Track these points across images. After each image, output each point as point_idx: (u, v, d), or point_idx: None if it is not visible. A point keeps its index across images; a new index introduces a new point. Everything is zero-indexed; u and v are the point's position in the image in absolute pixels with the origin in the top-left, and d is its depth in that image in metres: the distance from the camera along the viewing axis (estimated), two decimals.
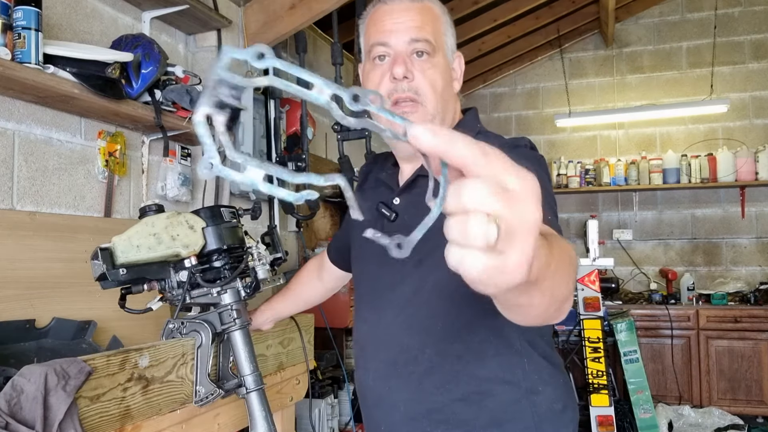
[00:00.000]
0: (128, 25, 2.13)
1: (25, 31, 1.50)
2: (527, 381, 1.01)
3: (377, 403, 1.09)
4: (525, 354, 1.02)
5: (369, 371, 1.10)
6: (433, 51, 1.03)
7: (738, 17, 4.95)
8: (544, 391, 1.02)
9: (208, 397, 1.26)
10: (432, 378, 1.02)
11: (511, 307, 0.58)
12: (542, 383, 1.02)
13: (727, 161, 4.69)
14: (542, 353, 1.04)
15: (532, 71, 5.49)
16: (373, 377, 1.10)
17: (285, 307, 1.51)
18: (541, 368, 1.03)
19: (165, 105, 2.00)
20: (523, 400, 1.00)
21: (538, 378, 1.02)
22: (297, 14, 2.58)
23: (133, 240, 1.23)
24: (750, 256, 4.85)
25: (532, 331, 1.03)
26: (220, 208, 1.32)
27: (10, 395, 0.97)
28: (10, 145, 1.68)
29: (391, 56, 1.03)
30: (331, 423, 2.69)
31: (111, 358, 1.08)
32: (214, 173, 0.40)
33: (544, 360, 1.04)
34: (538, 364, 1.03)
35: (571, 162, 5.16)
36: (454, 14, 4.07)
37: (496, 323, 0.97)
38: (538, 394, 1.01)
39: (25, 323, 1.49)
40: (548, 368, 1.04)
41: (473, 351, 1.00)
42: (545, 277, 0.51)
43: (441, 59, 1.04)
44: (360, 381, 1.14)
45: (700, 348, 4.34)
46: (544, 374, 1.03)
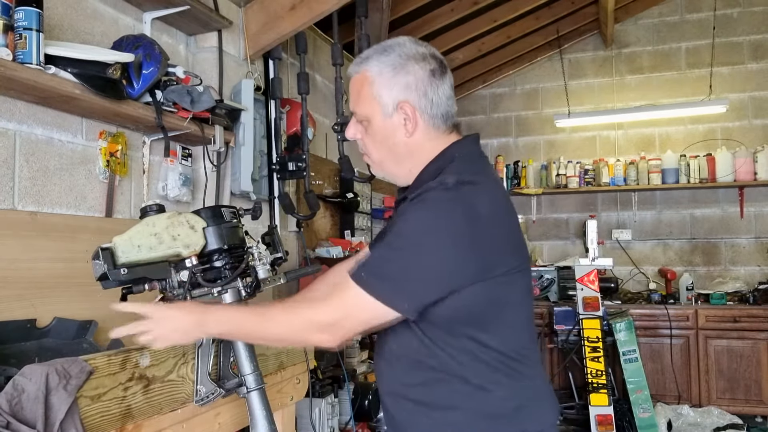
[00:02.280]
0: (129, 25, 2.13)
1: (27, 31, 1.50)
2: (477, 379, 1.16)
3: (377, 376, 1.33)
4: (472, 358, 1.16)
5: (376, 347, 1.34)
6: (367, 120, 1.23)
7: (737, 18, 4.95)
8: (496, 390, 1.17)
9: (209, 396, 1.27)
10: (397, 364, 1.23)
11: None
12: (494, 383, 1.17)
13: (726, 161, 4.70)
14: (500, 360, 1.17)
15: (532, 72, 5.50)
16: (375, 353, 1.33)
17: None
18: (494, 370, 1.17)
19: (166, 105, 2.00)
20: (475, 392, 1.16)
21: (490, 378, 1.17)
22: (297, 15, 2.58)
23: (134, 240, 1.23)
24: (749, 256, 4.85)
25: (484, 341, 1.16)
26: (220, 208, 1.33)
27: (12, 395, 0.97)
28: (12, 146, 1.69)
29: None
30: (331, 422, 2.69)
31: (112, 357, 1.09)
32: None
33: (500, 364, 1.17)
34: (489, 367, 1.17)
35: (570, 162, 5.16)
36: (454, 14, 4.09)
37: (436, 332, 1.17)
38: (488, 392, 1.16)
39: (26, 323, 1.50)
40: (504, 371, 1.18)
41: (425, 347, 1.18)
42: (238, 336, 1.23)
43: (375, 124, 1.22)
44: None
45: (699, 347, 4.35)
46: (498, 375, 1.17)
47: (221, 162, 2.43)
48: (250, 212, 1.41)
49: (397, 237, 1.13)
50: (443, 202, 1.11)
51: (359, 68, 1.23)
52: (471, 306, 1.14)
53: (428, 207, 1.11)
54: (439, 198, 1.11)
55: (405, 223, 1.13)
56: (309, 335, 1.15)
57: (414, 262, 1.10)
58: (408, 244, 1.11)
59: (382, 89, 1.19)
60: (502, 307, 1.17)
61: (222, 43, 2.50)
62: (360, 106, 1.23)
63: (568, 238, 5.33)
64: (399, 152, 1.22)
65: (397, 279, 1.10)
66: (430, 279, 1.10)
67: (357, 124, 1.26)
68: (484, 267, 1.12)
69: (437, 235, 1.10)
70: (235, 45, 2.62)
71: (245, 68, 2.67)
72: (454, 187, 1.12)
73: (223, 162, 2.44)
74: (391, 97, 1.19)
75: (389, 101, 1.19)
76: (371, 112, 1.21)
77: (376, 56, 1.21)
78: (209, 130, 2.25)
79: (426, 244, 1.10)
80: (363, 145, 1.27)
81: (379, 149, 1.24)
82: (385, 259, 1.13)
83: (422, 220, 1.11)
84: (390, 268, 1.11)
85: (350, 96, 1.26)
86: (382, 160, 1.26)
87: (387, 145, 1.22)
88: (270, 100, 2.82)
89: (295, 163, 2.80)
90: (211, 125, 2.26)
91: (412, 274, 1.10)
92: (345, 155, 2.88)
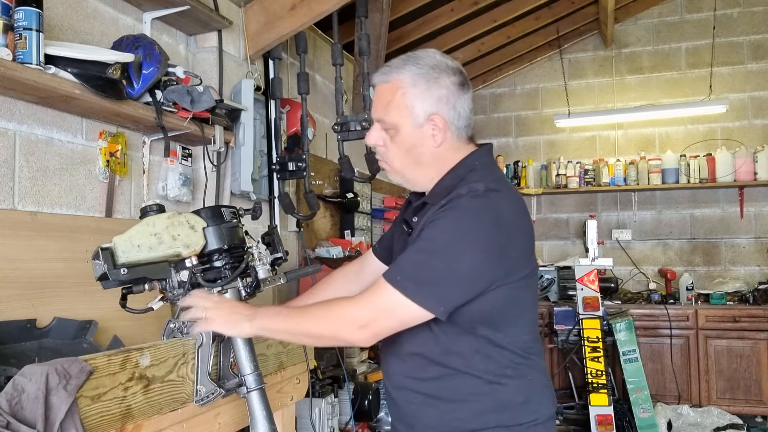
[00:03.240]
0: (129, 25, 2.13)
1: (26, 31, 1.50)
2: (488, 375, 1.23)
3: (384, 370, 1.39)
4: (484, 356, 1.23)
5: (381, 346, 1.37)
6: (394, 128, 1.26)
7: (737, 18, 4.95)
8: (505, 386, 1.23)
9: (209, 396, 1.27)
10: (410, 360, 1.28)
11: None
12: (505, 378, 1.24)
13: (726, 161, 4.70)
14: (511, 359, 1.24)
15: (532, 72, 5.50)
16: (382, 351, 1.38)
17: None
18: (504, 367, 1.24)
19: (166, 105, 2.00)
20: (484, 387, 1.23)
21: (501, 374, 1.23)
22: (297, 15, 2.58)
23: (134, 240, 1.23)
24: (749, 256, 4.85)
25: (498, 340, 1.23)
26: (220, 208, 1.33)
27: (12, 395, 0.97)
28: (12, 146, 1.69)
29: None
30: (331, 422, 2.69)
31: (112, 357, 1.09)
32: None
33: (510, 362, 1.24)
34: (500, 364, 1.24)
35: (570, 162, 5.16)
36: (454, 14, 4.08)
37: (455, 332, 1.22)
38: (500, 386, 1.23)
39: (26, 323, 1.50)
40: (513, 369, 1.25)
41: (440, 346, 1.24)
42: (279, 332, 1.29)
43: (404, 133, 1.25)
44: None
45: (699, 347, 4.35)
46: (507, 371, 1.24)
47: (221, 162, 2.43)
48: (250, 212, 1.41)
49: (431, 242, 1.17)
50: (474, 209, 1.17)
51: (389, 77, 1.25)
52: (491, 308, 1.21)
53: (461, 213, 1.17)
54: (470, 205, 1.17)
55: (439, 228, 1.17)
56: (347, 333, 1.19)
57: (449, 266, 1.15)
58: (442, 249, 1.15)
59: (415, 100, 1.23)
60: (516, 308, 1.24)
61: (222, 43, 2.50)
62: (389, 115, 1.25)
63: (568, 238, 5.33)
64: (423, 161, 1.27)
65: (433, 282, 1.15)
66: (463, 282, 1.16)
67: (381, 131, 1.29)
68: (508, 271, 1.19)
69: (470, 240, 1.16)
70: (235, 45, 2.62)
71: (245, 68, 2.67)
72: (484, 194, 1.19)
73: (223, 162, 2.44)
74: (423, 109, 1.23)
75: (421, 112, 1.24)
76: (401, 121, 1.25)
77: (409, 67, 1.24)
78: (209, 130, 2.25)
79: (459, 249, 1.15)
80: (384, 152, 1.30)
81: (404, 158, 1.28)
82: (420, 263, 1.17)
83: (456, 225, 1.16)
84: (425, 271, 1.16)
85: (376, 104, 1.28)
86: (404, 168, 1.30)
87: (413, 154, 1.27)
88: (270, 100, 2.82)
89: (295, 163, 2.80)
90: (211, 125, 2.26)
91: (447, 278, 1.16)
92: (345, 155, 2.88)
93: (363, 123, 2.79)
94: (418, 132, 1.25)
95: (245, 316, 1.23)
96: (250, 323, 1.22)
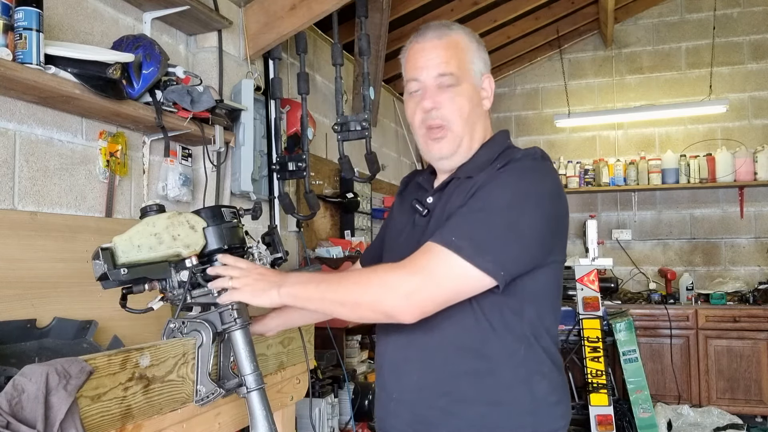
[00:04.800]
0: (129, 25, 2.13)
1: (26, 31, 1.50)
2: (527, 369, 1.13)
3: (393, 370, 1.22)
4: (527, 345, 1.13)
5: (389, 342, 1.23)
6: (457, 81, 1.19)
7: (737, 18, 4.95)
8: (541, 383, 1.14)
9: (209, 396, 1.27)
10: (442, 351, 1.14)
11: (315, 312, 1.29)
12: (540, 375, 1.14)
13: (726, 161, 4.70)
14: (545, 349, 1.16)
15: (532, 72, 5.50)
16: (393, 347, 1.22)
17: (300, 315, 1.50)
18: (541, 362, 1.15)
19: (166, 105, 2.00)
20: (521, 385, 1.12)
21: (537, 369, 1.14)
22: (297, 15, 2.58)
23: (134, 240, 1.23)
24: (749, 256, 4.85)
25: (538, 327, 1.15)
26: (220, 208, 1.32)
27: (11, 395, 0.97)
28: (12, 146, 1.69)
29: (422, 89, 1.22)
30: (331, 422, 2.69)
31: (112, 357, 1.09)
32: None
33: (545, 355, 1.16)
34: (539, 357, 1.15)
35: (570, 162, 5.16)
36: (454, 14, 4.09)
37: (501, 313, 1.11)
38: (535, 384, 1.13)
39: (26, 323, 1.50)
40: (548, 364, 1.16)
41: (482, 330, 1.12)
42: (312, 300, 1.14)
43: (467, 86, 1.20)
44: (379, 351, 1.28)
45: (699, 347, 4.35)
46: (543, 367, 1.15)
47: (221, 162, 2.43)
48: (250, 212, 1.41)
49: (490, 201, 1.07)
50: (537, 171, 1.13)
51: (448, 32, 1.21)
52: (541, 287, 1.13)
53: (524, 173, 1.11)
54: (531, 167, 1.13)
55: (500, 186, 1.09)
56: (388, 300, 1.04)
57: (512, 225, 1.06)
58: (505, 207, 1.06)
59: (475, 58, 1.23)
60: (555, 293, 1.18)
61: (222, 43, 2.50)
62: (455, 67, 1.19)
63: (568, 238, 5.31)
64: (472, 120, 1.22)
65: (494, 243, 1.04)
66: (527, 246, 1.07)
67: (438, 90, 1.20)
68: (557, 247, 1.15)
69: (533, 201, 1.08)
70: (235, 45, 2.62)
71: (245, 68, 2.67)
72: (542, 159, 1.16)
73: (223, 162, 2.44)
74: (479, 68, 1.23)
75: (478, 71, 1.23)
76: (465, 75, 1.21)
77: (456, 28, 1.23)
78: (209, 130, 2.25)
79: (523, 209, 1.07)
80: (442, 113, 1.20)
81: (465, 114, 1.20)
82: (478, 223, 1.05)
83: (519, 184, 1.09)
84: (485, 231, 1.05)
85: (434, 59, 1.20)
86: (462, 128, 1.21)
87: (467, 109, 1.20)
88: (270, 100, 2.82)
89: (295, 163, 2.80)
90: (211, 125, 2.26)
91: (510, 239, 1.05)
92: (345, 155, 2.88)
93: (363, 123, 2.79)
94: (476, 90, 1.22)
95: (274, 283, 1.14)
96: (278, 291, 1.14)
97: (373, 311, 1.07)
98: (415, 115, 1.23)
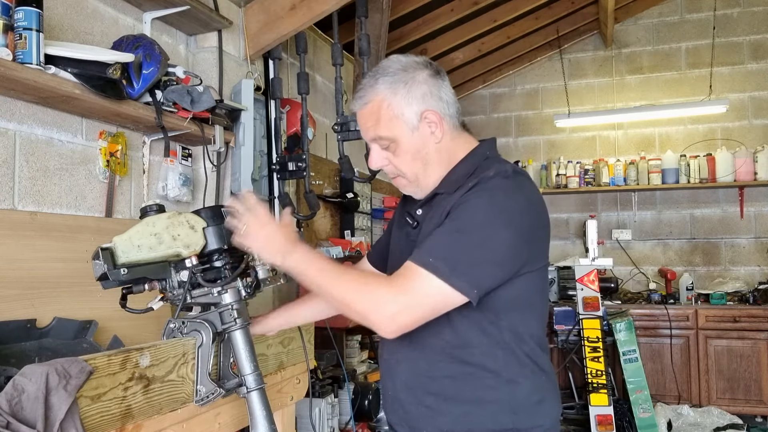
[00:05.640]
0: (129, 25, 2.13)
1: (27, 31, 1.50)
2: (507, 373, 1.19)
3: (388, 371, 1.32)
4: (507, 351, 1.20)
5: (386, 344, 1.32)
6: (391, 140, 1.23)
7: (737, 18, 4.95)
8: (522, 384, 1.20)
9: (209, 396, 1.27)
10: (428, 356, 1.23)
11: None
12: (522, 377, 1.20)
13: (726, 161, 4.70)
14: (527, 353, 1.22)
15: (532, 72, 5.50)
16: (387, 349, 1.31)
17: (305, 311, 1.53)
18: (522, 365, 1.20)
19: (166, 105, 2.00)
20: (503, 387, 1.19)
21: (519, 372, 1.20)
22: (297, 15, 2.58)
23: (134, 240, 1.23)
24: (749, 256, 4.85)
25: (519, 332, 1.21)
26: (220, 208, 1.32)
27: (12, 395, 0.97)
28: (12, 146, 1.69)
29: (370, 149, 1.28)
30: (331, 422, 2.69)
31: (112, 357, 1.09)
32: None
33: (527, 358, 1.21)
34: (521, 360, 1.21)
35: (570, 162, 5.16)
36: (454, 14, 4.09)
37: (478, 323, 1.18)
38: (516, 385, 1.20)
39: (26, 323, 1.50)
40: (530, 366, 1.22)
41: (460, 339, 1.20)
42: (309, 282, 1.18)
43: (403, 140, 1.23)
44: (380, 350, 1.38)
45: (699, 347, 4.35)
46: (525, 370, 1.21)
47: (221, 162, 2.43)
48: None
49: (463, 221, 1.14)
50: (507, 189, 1.17)
51: (368, 98, 1.23)
52: (517, 295, 1.18)
53: (494, 193, 1.15)
54: (503, 185, 1.17)
55: (472, 208, 1.14)
56: (374, 317, 1.12)
57: (484, 245, 1.12)
58: (477, 228, 1.12)
59: (403, 107, 1.21)
60: (536, 298, 1.23)
61: (222, 43, 2.50)
62: (383, 131, 1.23)
63: (568, 238, 5.33)
64: (432, 161, 1.25)
65: (468, 263, 1.10)
66: (499, 263, 1.13)
67: (381, 151, 1.26)
68: (534, 256, 1.19)
69: (504, 219, 1.14)
70: (235, 45, 2.62)
71: (245, 68, 2.67)
72: (513, 176, 1.19)
73: (223, 162, 2.44)
74: (413, 111, 1.21)
75: (412, 115, 1.22)
76: (397, 133, 1.22)
77: (380, 79, 1.22)
78: (209, 130, 2.25)
79: (494, 228, 1.13)
80: (393, 169, 1.27)
81: (412, 165, 1.25)
82: (453, 243, 1.12)
83: (490, 205, 1.14)
84: (459, 252, 1.11)
85: (365, 127, 1.25)
86: (417, 175, 1.25)
87: (420, 158, 1.24)
88: (270, 100, 2.82)
89: (295, 163, 2.80)
90: (211, 125, 2.26)
91: (482, 258, 1.12)
92: (345, 155, 2.88)
93: None
94: (417, 135, 1.23)
95: (282, 250, 1.18)
96: (283, 259, 1.18)
97: (360, 319, 1.15)
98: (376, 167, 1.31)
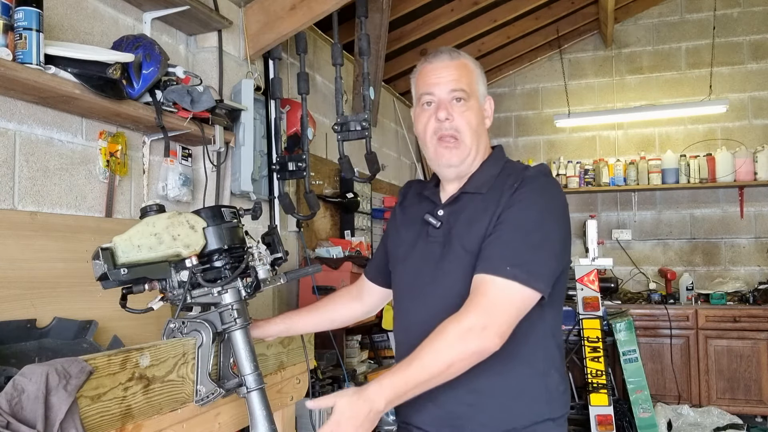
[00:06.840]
0: (129, 25, 2.13)
1: (26, 31, 1.50)
2: (544, 365, 1.26)
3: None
4: (545, 344, 1.27)
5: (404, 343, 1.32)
6: (467, 97, 1.32)
7: (737, 18, 4.95)
8: (553, 375, 1.28)
9: (209, 396, 1.27)
10: None
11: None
12: (554, 369, 1.28)
13: (726, 161, 4.70)
14: (557, 345, 1.31)
15: (532, 72, 5.50)
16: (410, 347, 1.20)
17: (305, 322, 1.54)
18: (554, 357, 1.29)
19: (166, 105, 2.00)
20: (539, 379, 1.26)
21: (551, 364, 1.28)
22: (297, 15, 2.58)
23: (134, 240, 1.23)
24: (749, 256, 4.85)
25: (553, 326, 1.29)
26: (220, 208, 1.32)
27: (11, 395, 0.97)
28: (12, 146, 1.69)
29: (435, 102, 1.33)
30: None
31: (112, 357, 1.09)
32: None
33: (557, 350, 1.30)
34: (553, 352, 1.29)
35: (570, 162, 5.16)
36: (454, 14, 4.09)
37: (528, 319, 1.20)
38: (549, 377, 1.27)
39: (26, 323, 1.50)
40: (558, 358, 1.30)
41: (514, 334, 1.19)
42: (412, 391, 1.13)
43: (474, 103, 1.33)
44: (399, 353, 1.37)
45: (699, 347, 4.35)
46: (555, 362, 1.29)
47: (221, 162, 2.43)
48: (250, 212, 1.41)
49: (521, 224, 1.21)
50: (550, 188, 1.28)
51: (458, 56, 1.35)
52: (558, 290, 1.26)
53: (543, 191, 1.25)
54: (546, 184, 1.27)
55: (526, 207, 1.22)
56: (471, 344, 1.11)
57: (545, 242, 1.21)
58: (537, 226, 1.21)
59: (479, 82, 1.36)
60: (564, 292, 1.32)
61: (222, 43, 2.50)
62: (465, 85, 1.32)
63: None
64: (479, 134, 1.34)
65: (537, 262, 1.18)
66: (558, 257, 1.23)
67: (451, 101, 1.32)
68: (570, 250, 1.30)
69: (557, 215, 1.25)
70: (235, 45, 2.62)
71: (245, 68, 2.67)
72: (550, 174, 1.32)
73: (223, 162, 2.44)
74: (482, 91, 1.37)
75: (482, 93, 1.37)
76: (472, 94, 1.33)
77: (466, 55, 1.36)
78: (209, 130, 2.25)
79: (550, 224, 1.23)
80: (454, 124, 1.31)
81: (469, 125, 1.32)
82: (521, 248, 1.19)
83: (543, 202, 1.24)
84: (529, 253, 1.18)
85: (449, 77, 1.32)
86: (473, 137, 1.32)
87: (475, 123, 1.33)
88: (270, 100, 2.82)
89: (295, 163, 2.80)
90: (211, 125, 2.26)
91: (546, 254, 1.20)
92: (345, 155, 2.88)
93: (363, 123, 2.79)
94: (481, 109, 1.36)
95: (368, 416, 1.11)
96: (377, 412, 1.12)
97: (466, 360, 1.13)
98: (428, 126, 1.33)
